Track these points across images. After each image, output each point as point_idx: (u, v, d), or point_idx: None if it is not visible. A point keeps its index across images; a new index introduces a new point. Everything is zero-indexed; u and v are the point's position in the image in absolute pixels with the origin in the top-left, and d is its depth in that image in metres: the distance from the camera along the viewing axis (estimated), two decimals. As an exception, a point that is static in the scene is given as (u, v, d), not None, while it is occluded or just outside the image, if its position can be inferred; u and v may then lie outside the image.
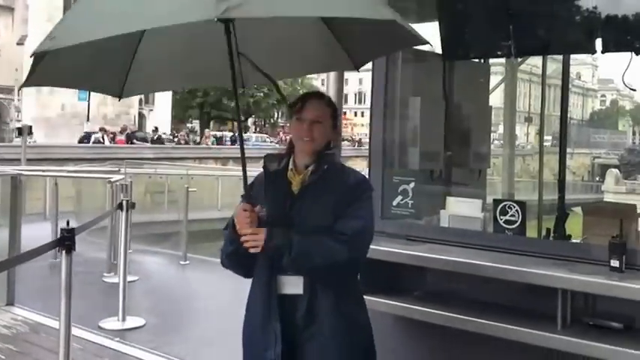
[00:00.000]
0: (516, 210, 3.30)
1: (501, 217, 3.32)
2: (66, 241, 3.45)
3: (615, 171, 27.43)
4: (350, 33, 2.57)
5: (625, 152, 43.28)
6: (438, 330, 3.13)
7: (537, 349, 2.85)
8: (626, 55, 3.59)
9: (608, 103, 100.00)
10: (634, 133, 70.42)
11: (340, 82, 3.75)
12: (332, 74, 3.66)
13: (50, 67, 2.33)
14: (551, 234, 4.29)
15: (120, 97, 2.80)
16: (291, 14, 2.03)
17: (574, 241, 3.69)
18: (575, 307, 2.87)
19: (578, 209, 4.72)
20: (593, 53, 3.77)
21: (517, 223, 3.29)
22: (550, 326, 2.83)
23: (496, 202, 3.39)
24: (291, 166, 2.44)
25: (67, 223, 3.57)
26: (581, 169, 49.67)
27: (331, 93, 3.62)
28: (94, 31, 1.99)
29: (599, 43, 3.60)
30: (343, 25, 2.51)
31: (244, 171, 2.36)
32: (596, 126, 75.33)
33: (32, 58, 2.22)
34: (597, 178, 40.04)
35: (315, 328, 2.31)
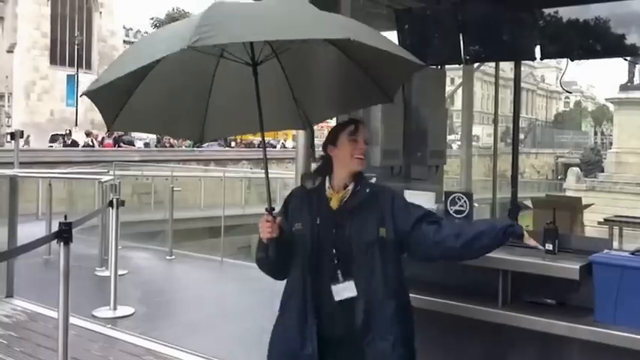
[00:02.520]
0: (465, 201, 3.40)
1: (451, 207, 3.42)
2: (64, 233, 3.56)
3: (576, 169, 27.74)
4: (381, 71, 2.66)
5: (586, 152, 43.83)
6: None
7: (482, 324, 3.01)
8: (591, 60, 3.84)
9: (571, 105, 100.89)
10: (595, 134, 71.13)
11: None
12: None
13: (130, 115, 2.58)
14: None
15: (201, 143, 3.02)
16: (251, 39, 2.20)
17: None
18: (515, 286, 3.02)
19: (529, 202, 4.98)
20: (533, 60, 4.00)
21: (465, 213, 3.39)
22: (492, 303, 2.99)
23: (447, 193, 3.50)
24: (327, 184, 2.53)
25: (65, 217, 3.70)
26: (545, 168, 50.23)
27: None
28: (122, 69, 2.24)
29: (538, 50, 3.84)
30: (370, 61, 2.61)
31: (268, 188, 2.49)
32: (560, 127, 76.07)
33: (90, 98, 2.46)
34: (560, 177, 40.59)
35: (375, 331, 2.43)
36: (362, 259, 2.45)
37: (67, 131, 29.13)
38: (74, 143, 27.94)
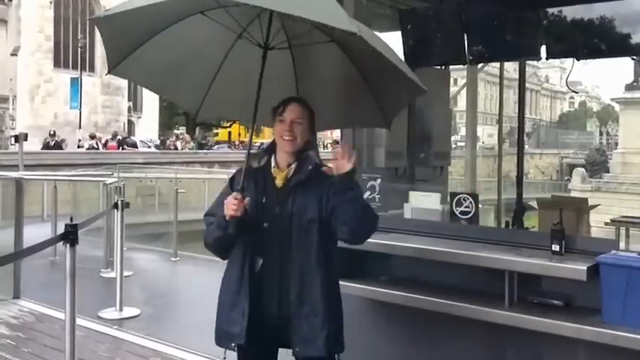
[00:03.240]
0: (470, 202, 3.43)
1: (457, 208, 3.45)
2: (70, 235, 3.57)
3: (582, 170, 27.56)
4: (384, 93, 2.67)
5: (591, 152, 43.59)
6: (401, 310, 3.30)
7: (488, 325, 3.01)
8: (597, 60, 3.80)
9: (576, 105, 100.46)
10: (601, 134, 70.66)
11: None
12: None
13: (136, 64, 2.54)
14: (510, 226, 4.50)
15: (195, 118, 2.90)
16: (252, 3, 2.15)
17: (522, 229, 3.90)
18: (522, 287, 3.01)
19: (534, 203, 4.96)
20: (538, 60, 3.96)
21: (471, 214, 3.43)
22: (498, 304, 2.98)
23: (452, 195, 3.52)
24: (273, 163, 2.55)
25: (71, 219, 3.71)
26: (550, 168, 49.97)
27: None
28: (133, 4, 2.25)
29: (543, 50, 3.81)
30: (379, 85, 2.63)
31: (246, 166, 2.51)
32: (565, 127, 75.70)
33: (99, 29, 2.43)
34: (566, 178, 40.33)
35: (307, 307, 2.47)
36: (301, 237, 2.47)
37: (52, 132, 28.91)
38: (57, 145, 27.68)
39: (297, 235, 2.47)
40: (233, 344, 2.49)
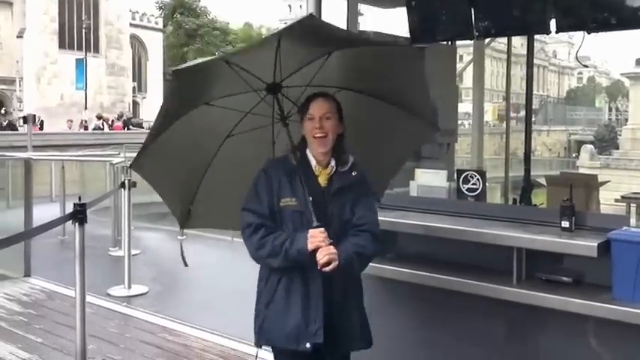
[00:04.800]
0: (477, 179, 3.38)
1: (464, 186, 3.40)
2: (78, 214, 3.58)
3: (590, 147, 27.33)
4: (414, 102, 2.69)
5: (600, 128, 43.31)
6: (409, 287, 3.28)
7: (496, 302, 2.97)
8: (606, 34, 3.73)
9: (585, 81, 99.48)
10: (610, 110, 69.91)
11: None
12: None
13: (148, 159, 2.60)
14: (518, 203, 4.45)
15: (181, 227, 2.94)
16: None
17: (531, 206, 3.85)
18: (530, 264, 2.97)
19: (542, 180, 4.92)
20: (548, 33, 3.85)
21: (478, 191, 3.38)
22: (506, 281, 2.95)
23: (459, 171, 3.46)
24: (314, 162, 2.50)
25: (79, 198, 3.71)
26: (557, 145, 49.60)
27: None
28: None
29: (552, 24, 3.72)
30: (397, 90, 2.65)
31: (313, 213, 2.41)
32: (572, 103, 74.99)
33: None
34: (574, 155, 40.10)
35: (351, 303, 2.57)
36: (340, 235, 2.45)
37: (3, 111, 28.82)
38: (11, 126, 27.57)
39: (339, 233, 2.45)
40: (308, 344, 2.41)
